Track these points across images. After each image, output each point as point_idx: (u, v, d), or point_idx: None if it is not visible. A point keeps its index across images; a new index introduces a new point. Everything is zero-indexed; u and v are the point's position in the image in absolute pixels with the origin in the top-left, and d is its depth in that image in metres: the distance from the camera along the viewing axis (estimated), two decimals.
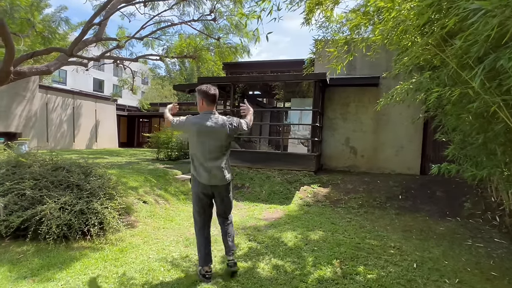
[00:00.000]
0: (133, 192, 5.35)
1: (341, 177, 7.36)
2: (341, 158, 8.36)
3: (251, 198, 6.64)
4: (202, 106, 2.90)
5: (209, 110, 2.87)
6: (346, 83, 7.80)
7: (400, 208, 5.90)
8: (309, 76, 7.21)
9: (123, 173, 6.10)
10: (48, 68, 10.36)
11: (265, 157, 7.69)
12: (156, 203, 5.41)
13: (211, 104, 2.89)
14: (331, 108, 8.47)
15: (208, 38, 14.52)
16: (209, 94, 2.86)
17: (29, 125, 12.59)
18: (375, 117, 8.11)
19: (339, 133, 8.40)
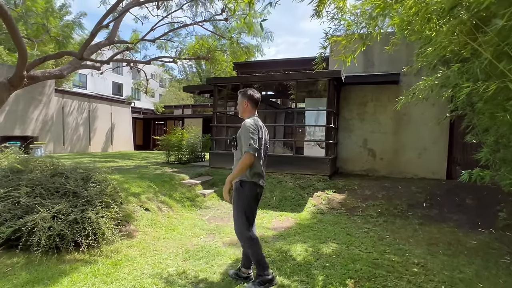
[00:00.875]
0: (134, 199, 5.10)
1: (358, 182, 6.86)
2: (358, 161, 7.85)
3: (261, 204, 6.26)
4: (246, 108, 2.92)
5: (256, 113, 2.94)
6: (363, 81, 7.30)
7: (424, 217, 5.35)
8: (323, 74, 6.77)
9: (127, 178, 5.89)
10: (61, 72, 10.43)
11: (277, 161, 7.30)
12: (159, 211, 5.14)
13: (255, 107, 2.96)
14: (347, 108, 7.98)
15: (221, 38, 14.38)
16: (254, 97, 2.93)
17: (46, 129, 12.79)
18: (395, 117, 7.55)
19: (356, 135, 7.89)
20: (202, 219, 5.36)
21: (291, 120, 11.89)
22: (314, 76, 6.86)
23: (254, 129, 2.69)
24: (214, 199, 6.40)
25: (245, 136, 2.66)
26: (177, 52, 15.20)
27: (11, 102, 11.54)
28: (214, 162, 7.94)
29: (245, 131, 2.67)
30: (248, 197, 2.81)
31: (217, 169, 7.80)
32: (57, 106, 13.65)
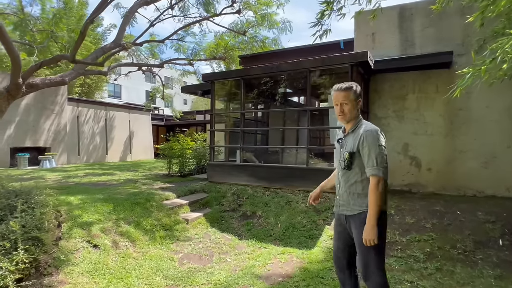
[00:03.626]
0: (82, 232, 3.84)
1: (397, 203, 5.02)
2: (396, 172, 5.96)
3: (261, 234, 4.72)
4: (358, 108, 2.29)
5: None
6: (400, 65, 5.45)
7: (504, 264, 3.44)
8: (342, 58, 5.09)
9: (87, 200, 4.68)
10: (62, 79, 9.74)
11: (287, 174, 5.71)
12: (113, 247, 3.82)
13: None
14: (379, 103, 6.14)
15: (238, 36, 13.10)
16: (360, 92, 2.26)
17: (58, 139, 12.38)
18: (447, 113, 5.59)
19: (392, 138, 6.02)
20: (172, 258, 3.95)
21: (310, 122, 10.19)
22: (331, 62, 5.19)
23: (383, 141, 2.08)
24: (201, 226, 4.96)
25: (375, 151, 2.03)
26: (193, 54, 14.23)
27: (21, 112, 11.23)
28: (213, 175, 6.53)
29: (374, 142, 2.05)
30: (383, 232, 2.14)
31: (215, 184, 6.38)
32: (71, 115, 13.27)
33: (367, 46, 5.98)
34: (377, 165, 2.01)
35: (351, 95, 2.18)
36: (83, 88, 20.80)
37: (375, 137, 2.05)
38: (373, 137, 2.06)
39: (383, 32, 6.07)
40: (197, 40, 14.31)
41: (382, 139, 2.07)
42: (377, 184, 2.00)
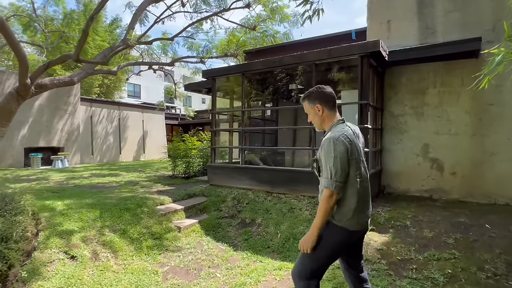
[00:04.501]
0: (60, 241, 3.56)
1: (414, 212, 4.41)
2: (415, 176, 5.32)
3: (258, 245, 4.27)
4: (323, 114, 2.05)
5: (339, 117, 2.04)
6: (419, 55, 4.79)
7: None
8: (351, 49, 4.53)
9: (72, 205, 4.42)
10: (71, 79, 9.72)
11: (290, 178, 5.22)
12: (93, 259, 3.51)
13: (335, 110, 2.06)
14: (395, 99, 5.51)
15: (250, 32, 12.67)
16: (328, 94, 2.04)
17: (72, 139, 12.48)
18: (474, 110, 4.89)
19: (410, 138, 5.38)
20: (157, 271, 3.59)
21: None
22: (338, 54, 4.64)
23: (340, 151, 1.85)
24: (195, 234, 4.58)
25: (329, 162, 1.87)
26: (204, 51, 13.95)
27: (35, 113, 11.38)
28: (213, 178, 6.15)
29: (327, 152, 1.89)
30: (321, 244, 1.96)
31: (216, 188, 5.99)
32: (84, 115, 13.36)
33: (381, 36, 5.37)
34: (331, 178, 1.84)
35: (306, 104, 2.10)
36: (102, 89, 21.12)
37: (328, 148, 1.89)
38: (326, 147, 1.90)
39: (399, 19, 5.43)
40: (209, 38, 14.02)
41: (338, 149, 1.85)
42: (329, 197, 1.84)
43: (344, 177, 1.86)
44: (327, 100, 2.03)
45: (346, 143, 1.86)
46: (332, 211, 1.87)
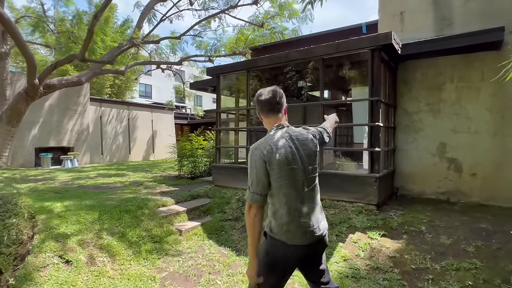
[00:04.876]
0: (55, 245, 3.44)
1: (430, 217, 4.11)
2: (430, 177, 4.99)
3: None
4: (264, 121, 1.90)
5: (278, 123, 1.83)
6: (436, 48, 4.46)
7: None
8: (361, 42, 4.25)
9: (71, 207, 4.31)
10: (79, 79, 9.77)
11: None
12: (88, 263, 3.37)
13: (273, 115, 1.83)
14: (409, 96, 5.19)
15: (259, 29, 12.46)
16: (261, 100, 1.84)
17: (81, 139, 12.56)
18: (496, 106, 4.54)
19: (425, 136, 5.05)
20: (154, 278, 3.42)
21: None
22: (347, 47, 4.37)
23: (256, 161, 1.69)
24: (197, 237, 4.40)
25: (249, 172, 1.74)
26: (213, 50, 13.82)
27: (45, 113, 11.48)
28: (218, 178, 5.97)
29: (248, 162, 1.77)
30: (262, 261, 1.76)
31: (221, 189, 5.81)
32: (94, 115, 13.44)
33: (394, 28, 5.04)
34: (249, 189, 1.71)
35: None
36: (113, 89, 21.30)
37: (249, 157, 1.78)
38: (248, 157, 1.79)
39: (413, 10, 5.11)
40: (217, 36, 13.86)
41: (254, 158, 1.72)
42: (247, 210, 1.70)
43: (262, 189, 1.68)
44: (262, 106, 1.85)
45: (265, 152, 1.68)
46: (255, 224, 1.66)
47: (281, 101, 1.83)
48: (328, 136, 2.07)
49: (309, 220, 1.74)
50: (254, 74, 7.17)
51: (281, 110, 1.83)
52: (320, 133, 1.99)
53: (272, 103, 1.81)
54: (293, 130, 1.81)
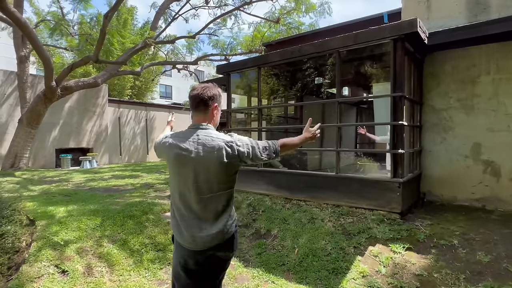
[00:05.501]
0: (52, 253, 3.28)
1: (462, 227, 3.61)
2: (463, 182, 4.45)
3: (272, 261, 3.72)
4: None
5: (196, 122, 1.77)
6: (468, 36, 3.92)
7: None
8: (382, 31, 3.81)
9: (74, 212, 4.17)
10: (95, 80, 9.87)
11: (311, 183, 4.60)
12: (85, 274, 3.18)
13: (196, 113, 1.78)
14: (437, 91, 4.67)
15: (276, 26, 12.12)
16: (189, 96, 1.81)
17: (100, 140, 12.74)
18: None
19: (456, 136, 4.51)
20: None
21: (359, 117, 8.78)
22: (366, 38, 3.94)
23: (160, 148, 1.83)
24: None
25: None
26: (229, 48, 13.62)
27: (65, 115, 11.71)
28: None
29: None
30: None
31: None
32: (113, 116, 13.60)
33: (419, 16, 4.53)
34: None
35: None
36: (134, 90, 21.65)
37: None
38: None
39: None
40: (233, 34, 13.68)
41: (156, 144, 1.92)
42: None
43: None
44: (189, 101, 1.82)
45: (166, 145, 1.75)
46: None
47: (206, 101, 1.73)
48: (270, 155, 1.78)
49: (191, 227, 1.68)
50: (268, 71, 6.86)
51: (205, 110, 1.75)
52: (251, 148, 1.73)
53: (195, 100, 1.75)
54: (205, 134, 1.70)
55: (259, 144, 1.76)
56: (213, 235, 1.68)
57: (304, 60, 5.18)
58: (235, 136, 1.74)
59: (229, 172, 1.70)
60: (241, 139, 1.73)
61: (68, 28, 10.57)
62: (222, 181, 1.69)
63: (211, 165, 1.64)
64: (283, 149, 1.84)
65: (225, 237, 1.71)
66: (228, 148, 1.65)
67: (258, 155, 1.73)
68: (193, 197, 1.67)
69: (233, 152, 1.65)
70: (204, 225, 1.68)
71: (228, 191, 1.74)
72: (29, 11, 23.76)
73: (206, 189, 1.67)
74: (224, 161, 1.64)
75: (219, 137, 1.69)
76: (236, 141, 1.68)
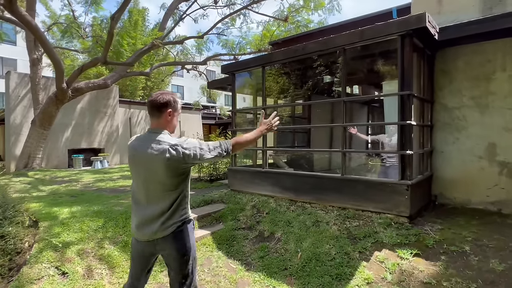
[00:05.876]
0: (53, 254, 3.29)
1: (475, 233, 3.42)
2: (477, 184, 4.23)
3: (274, 265, 3.63)
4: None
5: (151, 127, 1.97)
6: (482, 30, 3.70)
7: None
8: (389, 27, 3.65)
9: (77, 213, 4.18)
10: (105, 82, 9.99)
11: (316, 184, 4.47)
12: (85, 276, 3.17)
13: (151, 118, 1.96)
14: (449, 88, 4.45)
15: (285, 25, 11.99)
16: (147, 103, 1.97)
17: (111, 141, 12.92)
18: None
19: (470, 136, 4.30)
20: None
21: (370, 116, 8.57)
22: (372, 35, 3.78)
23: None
24: (205, 248, 4.08)
25: None
26: (238, 48, 13.57)
27: (77, 116, 11.93)
28: (234, 183, 5.63)
29: None
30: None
31: (236, 194, 5.46)
32: (123, 117, 13.77)
33: (430, 10, 4.34)
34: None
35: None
36: (145, 91, 21.91)
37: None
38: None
39: None
40: (242, 34, 13.62)
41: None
42: None
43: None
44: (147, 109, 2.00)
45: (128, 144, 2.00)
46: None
47: (160, 108, 1.88)
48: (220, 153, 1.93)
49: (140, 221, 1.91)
50: (275, 70, 6.75)
51: (159, 116, 1.90)
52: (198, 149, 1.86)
53: (150, 106, 1.91)
54: (155, 138, 1.86)
55: (210, 145, 1.90)
56: (155, 230, 1.87)
57: (313, 57, 5.05)
58: (183, 139, 1.88)
59: (173, 173, 1.84)
60: (189, 141, 1.87)
61: (79, 30, 10.75)
62: (167, 182, 1.86)
63: (157, 167, 1.82)
64: (236, 146, 2.00)
65: (164, 234, 1.89)
66: (172, 151, 1.79)
67: (206, 155, 1.86)
68: (143, 195, 1.90)
69: (177, 154, 1.79)
70: (150, 220, 1.88)
71: (174, 191, 1.88)
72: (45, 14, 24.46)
73: (152, 189, 1.87)
74: (167, 163, 1.80)
75: (166, 140, 1.84)
76: (182, 144, 1.82)
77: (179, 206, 1.92)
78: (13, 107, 10.20)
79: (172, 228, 1.89)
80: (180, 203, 1.92)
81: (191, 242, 1.98)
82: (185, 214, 1.97)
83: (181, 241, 1.93)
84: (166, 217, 1.87)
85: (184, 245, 1.93)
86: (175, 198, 1.89)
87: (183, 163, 1.83)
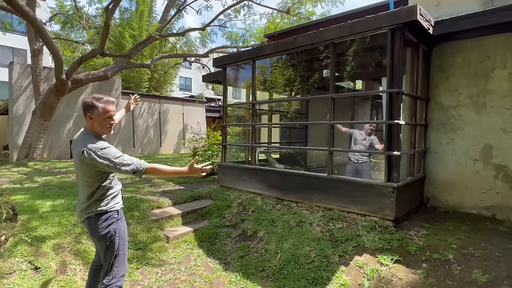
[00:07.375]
0: (28, 248, 3.27)
1: (462, 240, 3.24)
2: (471, 187, 4.03)
3: (252, 266, 3.54)
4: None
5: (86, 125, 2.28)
6: (480, 24, 3.45)
7: None
8: (377, 21, 3.45)
9: (58, 207, 4.16)
10: (105, 73, 9.97)
11: (303, 184, 4.34)
12: (58, 271, 3.15)
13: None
14: (445, 86, 4.22)
15: (289, 17, 11.73)
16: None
17: (113, 132, 12.96)
18: None
19: (466, 137, 4.08)
20: None
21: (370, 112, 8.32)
22: (362, 28, 3.58)
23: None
24: (186, 245, 4.02)
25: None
26: (241, 40, 13.39)
27: (79, 107, 11.96)
28: (223, 179, 5.54)
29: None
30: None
31: (225, 190, 5.37)
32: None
33: (428, 3, 4.12)
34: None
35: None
36: (152, 83, 21.88)
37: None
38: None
39: None
40: (246, 26, 13.40)
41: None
42: None
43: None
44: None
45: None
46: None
47: (84, 111, 2.18)
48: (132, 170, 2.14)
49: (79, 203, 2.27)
50: (272, 64, 6.58)
51: (85, 118, 2.19)
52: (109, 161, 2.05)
53: (83, 107, 2.19)
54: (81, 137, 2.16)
55: (125, 160, 2.11)
56: (79, 213, 2.26)
57: (305, 51, 4.87)
58: (102, 146, 2.07)
59: (88, 173, 2.13)
60: (106, 151, 2.06)
61: (81, 21, 10.73)
62: (84, 178, 2.17)
63: (77, 163, 2.16)
64: (151, 171, 2.22)
65: (82, 218, 2.25)
66: (86, 154, 2.02)
67: (117, 168, 2.07)
68: (80, 182, 2.24)
69: (89, 157, 2.02)
70: (79, 204, 2.26)
71: (90, 187, 2.16)
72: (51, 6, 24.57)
73: (79, 180, 2.22)
74: (82, 163, 2.09)
75: (86, 142, 2.07)
76: (97, 151, 2.02)
77: (97, 200, 2.18)
78: (15, 97, 10.30)
79: (87, 215, 2.19)
80: (98, 197, 2.18)
81: (106, 233, 2.18)
82: (104, 207, 2.20)
83: (95, 228, 2.18)
84: (86, 205, 2.18)
85: (97, 232, 2.18)
86: (92, 192, 2.16)
87: (94, 166, 2.07)
